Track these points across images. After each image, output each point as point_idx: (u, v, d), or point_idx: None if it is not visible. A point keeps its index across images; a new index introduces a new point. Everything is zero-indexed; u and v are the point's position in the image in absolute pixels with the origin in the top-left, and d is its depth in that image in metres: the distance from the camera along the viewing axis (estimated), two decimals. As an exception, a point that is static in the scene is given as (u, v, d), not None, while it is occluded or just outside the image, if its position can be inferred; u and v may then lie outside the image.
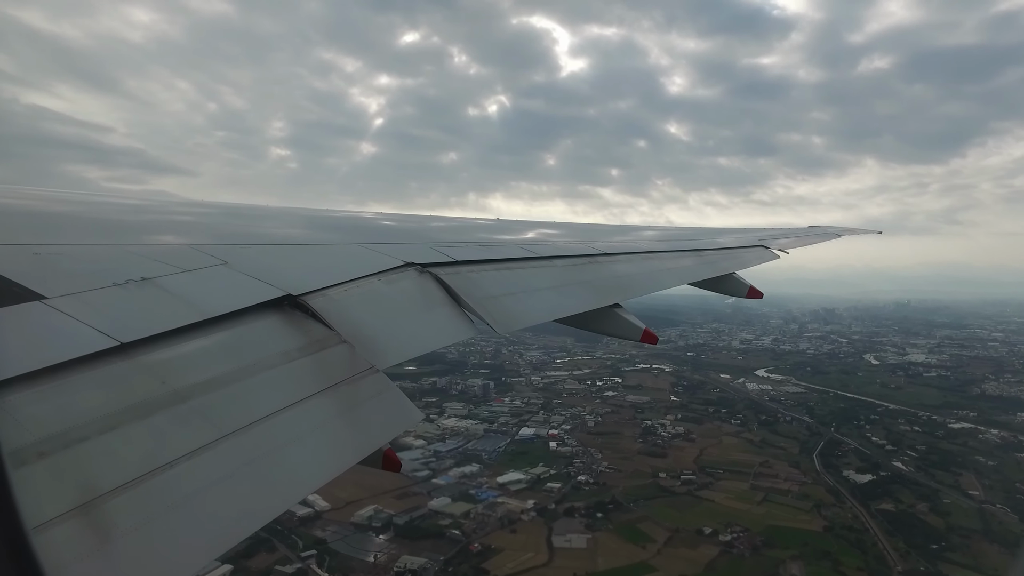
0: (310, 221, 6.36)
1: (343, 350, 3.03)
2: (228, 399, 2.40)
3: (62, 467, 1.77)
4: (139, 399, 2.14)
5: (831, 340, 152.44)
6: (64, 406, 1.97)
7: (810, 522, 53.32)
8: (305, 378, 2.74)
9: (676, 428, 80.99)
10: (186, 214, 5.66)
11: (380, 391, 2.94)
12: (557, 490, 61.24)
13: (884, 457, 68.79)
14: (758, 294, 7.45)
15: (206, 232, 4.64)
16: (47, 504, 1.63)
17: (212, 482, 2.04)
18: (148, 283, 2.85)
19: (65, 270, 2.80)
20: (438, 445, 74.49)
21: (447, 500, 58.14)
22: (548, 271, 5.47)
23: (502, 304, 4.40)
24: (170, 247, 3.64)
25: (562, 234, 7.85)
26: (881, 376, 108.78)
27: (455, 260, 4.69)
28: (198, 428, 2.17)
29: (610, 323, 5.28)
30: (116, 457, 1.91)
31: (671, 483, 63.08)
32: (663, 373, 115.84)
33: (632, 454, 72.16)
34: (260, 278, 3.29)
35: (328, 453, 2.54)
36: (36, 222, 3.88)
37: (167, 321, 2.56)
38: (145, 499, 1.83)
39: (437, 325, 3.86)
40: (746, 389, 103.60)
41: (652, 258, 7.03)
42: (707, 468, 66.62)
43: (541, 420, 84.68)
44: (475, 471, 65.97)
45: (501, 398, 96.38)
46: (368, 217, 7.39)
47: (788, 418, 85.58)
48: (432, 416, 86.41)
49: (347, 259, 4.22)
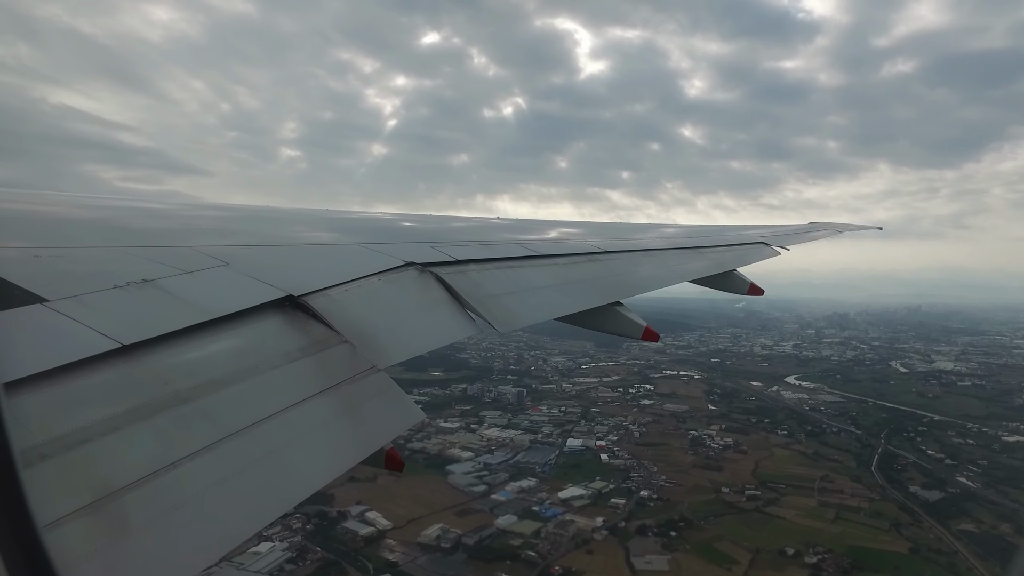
0: (310, 221, 6.37)
1: (344, 350, 3.04)
2: (230, 400, 2.40)
3: (67, 468, 1.80)
4: (141, 401, 2.15)
5: (852, 346, 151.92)
6: (67, 408, 1.98)
7: (893, 543, 51.94)
8: (307, 378, 2.75)
9: (724, 439, 79.61)
10: (187, 215, 5.63)
11: (382, 390, 2.97)
12: (622, 506, 59.58)
13: (946, 472, 67.57)
14: (759, 291, 7.44)
15: (207, 233, 4.60)
16: (55, 503, 1.66)
17: (216, 482, 2.05)
18: (149, 285, 2.85)
19: (66, 272, 2.80)
20: (487, 457, 72.76)
21: (513, 518, 56.37)
22: (548, 269, 5.49)
23: (502, 303, 4.41)
24: (171, 249, 3.59)
25: (562, 232, 7.80)
26: (914, 385, 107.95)
27: (456, 259, 4.69)
28: (201, 429, 2.18)
29: (611, 321, 5.28)
30: (120, 458, 1.92)
31: (736, 498, 61.60)
32: (693, 380, 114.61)
33: (686, 467, 70.68)
34: (261, 279, 3.31)
35: (330, 452, 2.56)
36: (37, 224, 3.88)
37: (169, 323, 2.57)
38: (151, 498, 1.86)
39: (438, 323, 3.87)
40: (782, 397, 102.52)
41: (653, 256, 7.03)
42: (768, 482, 65.19)
43: (585, 430, 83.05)
44: (533, 485, 64.22)
45: (538, 407, 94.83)
46: (369, 217, 7.38)
47: (835, 429, 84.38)
48: (473, 426, 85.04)
49: (348, 259, 4.23)
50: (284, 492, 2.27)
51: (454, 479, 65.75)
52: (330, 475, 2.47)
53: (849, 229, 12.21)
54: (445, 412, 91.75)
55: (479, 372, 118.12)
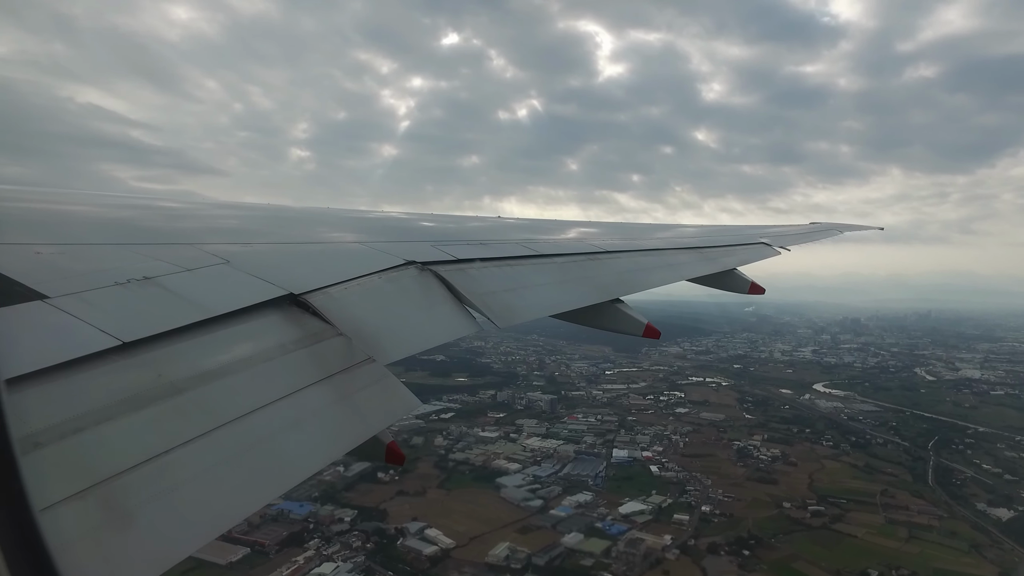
0: (312, 221, 6.33)
1: (340, 342, 3.07)
2: (225, 391, 2.44)
3: (62, 455, 1.84)
4: (140, 397, 2.18)
5: (871, 352, 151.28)
6: (66, 404, 2.01)
7: (978, 566, 50.31)
8: (302, 369, 2.77)
9: (770, 450, 78.15)
10: (189, 214, 5.55)
11: (377, 380, 2.99)
12: (687, 523, 57.88)
13: (1009, 488, 66.29)
14: (760, 290, 7.41)
15: (208, 231, 4.58)
16: (51, 489, 1.72)
17: (210, 466, 2.11)
18: (150, 282, 2.86)
19: (67, 269, 2.80)
20: (534, 469, 70.88)
21: (579, 536, 54.43)
22: (548, 268, 5.56)
23: (502, 299, 4.45)
24: (172, 246, 3.60)
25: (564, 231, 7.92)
26: (946, 394, 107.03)
27: (456, 258, 4.72)
28: (196, 418, 2.23)
29: (611, 318, 5.31)
30: (115, 446, 1.97)
31: (800, 514, 60.00)
32: (722, 388, 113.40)
33: (740, 479, 69.12)
34: (262, 277, 3.30)
35: (324, 439, 2.60)
36: (38, 221, 3.88)
37: (169, 320, 2.58)
38: (145, 483, 1.91)
39: (439, 321, 3.90)
40: (816, 406, 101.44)
41: (652, 255, 7.02)
42: (828, 497, 63.68)
43: (627, 440, 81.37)
44: (590, 500, 62.38)
45: (573, 415, 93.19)
46: (370, 216, 7.36)
47: (880, 440, 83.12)
48: (512, 435, 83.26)
49: (348, 258, 4.27)
50: (277, 477, 2.29)
51: (507, 493, 63.79)
52: (324, 460, 2.53)
53: (850, 229, 12.18)
54: (479, 420, 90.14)
55: (505, 378, 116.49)
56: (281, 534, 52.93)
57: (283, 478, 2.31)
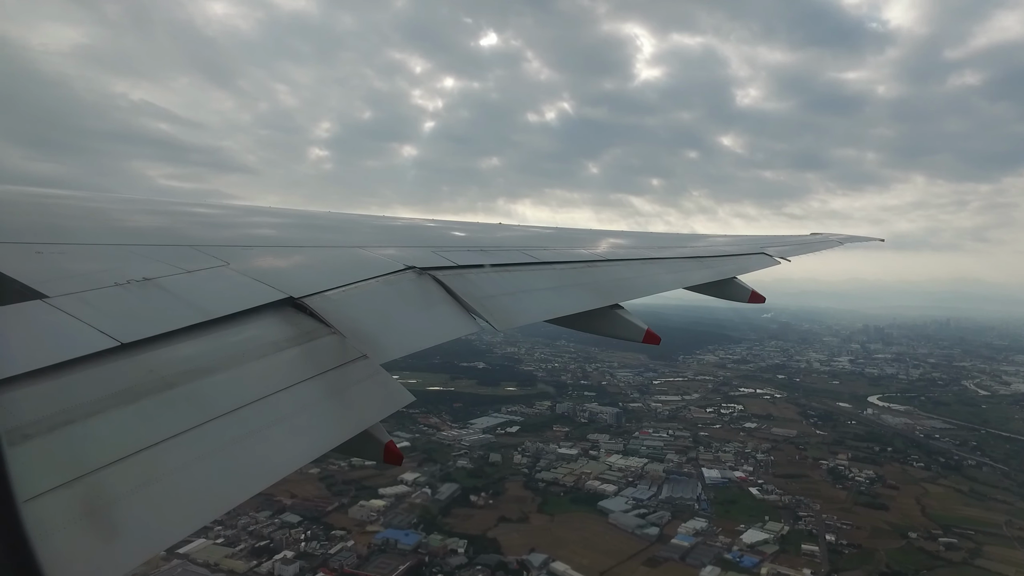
0: (313, 224, 6.37)
1: (334, 340, 3.07)
2: (217, 386, 2.44)
3: (49, 447, 1.85)
4: (131, 391, 2.19)
5: (909, 363, 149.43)
6: (60, 403, 2.01)
7: None
8: (295, 367, 2.77)
9: (863, 471, 74.96)
10: (191, 215, 5.51)
11: (370, 375, 3.00)
12: (817, 554, 54.31)
13: None
14: (760, 299, 7.41)
15: (209, 233, 4.52)
16: (35, 482, 1.72)
17: (198, 458, 2.12)
18: (149, 283, 2.86)
19: (67, 269, 2.81)
20: (632, 491, 66.98)
21: (716, 569, 50.68)
22: (547, 273, 5.57)
23: (501, 303, 4.47)
24: (172, 248, 3.57)
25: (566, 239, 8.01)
26: (1012, 410, 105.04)
27: (456, 264, 4.73)
28: (186, 412, 2.23)
29: (611, 324, 5.30)
30: (103, 440, 1.98)
31: (932, 547, 56.71)
32: (777, 400, 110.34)
33: (847, 504, 65.79)
34: (261, 280, 3.30)
35: (314, 432, 2.59)
36: (39, 221, 3.87)
37: (168, 322, 2.58)
38: (131, 474, 1.92)
39: (437, 321, 3.90)
40: (884, 421, 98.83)
41: (651, 263, 7.09)
42: (952, 527, 60.46)
43: (710, 459, 77.85)
44: (705, 527, 58.56)
45: (645, 430, 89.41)
46: (372, 221, 7.34)
47: (972, 462, 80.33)
48: (592, 452, 79.39)
49: (348, 262, 4.24)
50: (266, 468, 2.30)
51: (616, 519, 59.78)
52: (316, 451, 2.52)
53: (850, 241, 12.21)
54: (547, 434, 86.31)
55: (554, 388, 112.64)
56: (396, 567, 48.53)
57: (270, 471, 2.29)
